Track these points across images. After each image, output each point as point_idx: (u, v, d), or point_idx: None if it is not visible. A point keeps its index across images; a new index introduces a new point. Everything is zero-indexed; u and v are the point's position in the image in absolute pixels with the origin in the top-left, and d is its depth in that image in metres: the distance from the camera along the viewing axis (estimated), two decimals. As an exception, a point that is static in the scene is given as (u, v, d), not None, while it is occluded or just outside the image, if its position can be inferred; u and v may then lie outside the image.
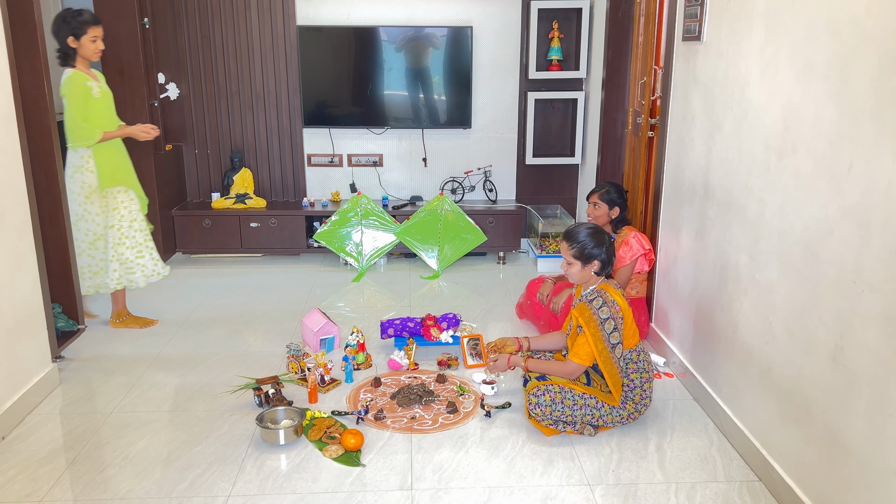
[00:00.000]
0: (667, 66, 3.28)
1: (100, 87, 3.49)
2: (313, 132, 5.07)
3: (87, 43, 3.36)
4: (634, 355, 2.67)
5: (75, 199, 3.51)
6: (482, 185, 5.16)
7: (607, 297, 2.62)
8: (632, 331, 2.66)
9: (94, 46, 3.38)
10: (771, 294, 2.35)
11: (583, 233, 2.69)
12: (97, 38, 3.37)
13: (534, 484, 2.41)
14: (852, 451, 1.93)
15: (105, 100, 3.52)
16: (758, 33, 2.43)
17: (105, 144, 3.49)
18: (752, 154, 2.48)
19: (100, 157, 3.49)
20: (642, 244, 3.36)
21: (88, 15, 3.36)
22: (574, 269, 2.70)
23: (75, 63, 3.40)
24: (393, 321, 3.52)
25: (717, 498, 2.33)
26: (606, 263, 2.69)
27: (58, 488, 2.38)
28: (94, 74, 3.51)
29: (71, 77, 3.38)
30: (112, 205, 3.58)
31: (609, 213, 3.45)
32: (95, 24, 3.36)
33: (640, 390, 2.68)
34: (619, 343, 2.60)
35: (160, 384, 3.14)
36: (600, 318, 2.59)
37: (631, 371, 2.67)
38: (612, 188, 3.45)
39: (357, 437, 2.58)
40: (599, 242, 2.67)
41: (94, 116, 3.44)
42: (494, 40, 4.91)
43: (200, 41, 4.84)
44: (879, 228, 1.81)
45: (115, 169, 3.55)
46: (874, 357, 1.83)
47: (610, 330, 2.59)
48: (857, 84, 1.89)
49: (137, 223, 3.67)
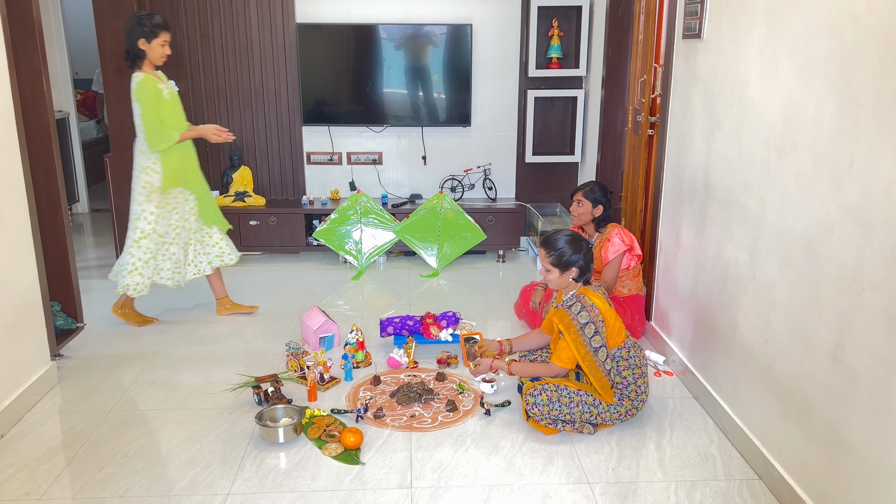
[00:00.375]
0: (667, 64, 3.28)
1: (168, 88, 3.51)
2: (313, 130, 5.06)
3: (157, 46, 3.40)
4: (624, 352, 2.67)
5: (136, 198, 3.54)
6: (482, 183, 5.16)
7: (586, 302, 2.63)
8: (616, 330, 2.66)
9: (161, 50, 3.42)
10: (771, 292, 2.35)
11: (560, 240, 2.69)
12: (166, 43, 3.41)
13: (533, 482, 2.41)
14: (853, 449, 1.93)
15: (174, 101, 3.53)
16: (758, 31, 2.42)
17: (174, 146, 3.51)
18: (752, 152, 2.48)
19: (167, 159, 3.51)
20: (623, 240, 3.36)
21: (161, 19, 3.39)
22: (552, 276, 2.71)
23: (143, 66, 3.43)
24: (392, 319, 3.52)
25: (716, 496, 2.33)
26: (584, 269, 2.69)
27: (57, 486, 2.38)
28: (161, 76, 3.54)
29: (143, 81, 3.39)
30: (172, 205, 3.60)
31: (592, 211, 3.46)
32: (166, 30, 3.41)
33: (634, 387, 2.68)
34: (602, 346, 2.60)
35: (159, 382, 3.14)
36: (580, 324, 2.60)
37: (623, 368, 2.67)
38: (596, 187, 3.47)
39: (356, 436, 2.58)
40: (577, 249, 2.67)
41: (165, 118, 3.46)
42: (494, 38, 4.90)
43: (200, 39, 4.83)
44: (880, 227, 1.80)
45: (178, 170, 3.57)
46: (875, 356, 1.83)
47: (591, 334, 2.59)
48: (858, 82, 1.89)
49: (189, 223, 3.69)
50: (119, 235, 4.54)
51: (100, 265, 4.90)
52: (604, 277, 3.41)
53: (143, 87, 3.39)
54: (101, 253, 5.19)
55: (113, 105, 4.35)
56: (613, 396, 2.66)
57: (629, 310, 3.45)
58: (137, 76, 3.40)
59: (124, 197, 4.44)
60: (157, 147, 3.43)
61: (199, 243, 3.75)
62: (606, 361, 2.62)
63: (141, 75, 3.40)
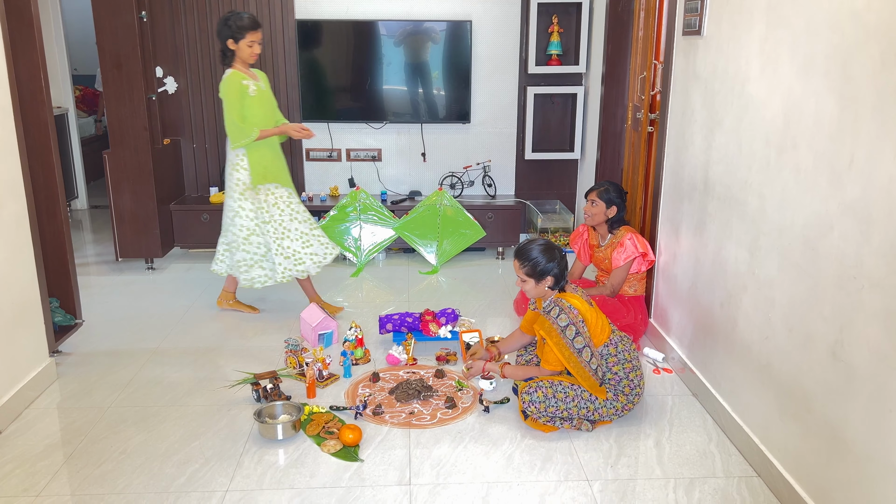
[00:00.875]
0: (667, 61, 3.27)
1: (257, 85, 3.51)
2: (312, 126, 5.03)
3: (244, 47, 3.41)
4: (612, 348, 2.67)
5: (231, 195, 3.57)
6: (481, 180, 5.15)
7: (563, 305, 2.63)
8: (598, 328, 2.66)
9: (250, 50, 3.43)
10: (770, 290, 2.34)
11: (534, 250, 2.68)
12: (254, 43, 3.42)
13: (532, 479, 2.41)
14: (852, 446, 1.93)
15: (262, 98, 3.53)
16: (758, 28, 2.42)
17: (258, 143, 3.51)
18: (752, 149, 2.47)
19: (252, 155, 3.52)
20: (636, 246, 3.33)
21: (248, 21, 3.39)
22: (528, 286, 2.71)
23: (234, 63, 3.45)
24: (391, 316, 3.51)
25: (715, 493, 2.33)
26: (559, 277, 2.69)
27: (55, 483, 2.38)
28: (254, 74, 3.55)
29: (227, 77, 3.42)
30: (271, 201, 3.59)
31: (606, 212, 3.41)
32: (254, 30, 3.41)
33: (626, 381, 2.68)
34: (585, 346, 2.60)
35: (158, 379, 3.13)
36: (560, 327, 2.60)
37: (612, 364, 2.67)
38: (611, 187, 3.41)
39: (355, 432, 2.58)
40: (551, 258, 2.67)
41: (250, 115, 3.47)
42: (494, 35, 4.89)
43: (198, 34, 4.82)
44: (880, 224, 1.80)
45: (267, 167, 3.57)
46: (874, 353, 1.83)
47: (572, 336, 2.59)
48: (858, 79, 1.88)
49: (300, 215, 3.68)
50: (118, 232, 4.53)
51: (98, 262, 4.89)
52: (610, 281, 3.40)
53: (228, 83, 3.41)
54: (100, 249, 5.19)
55: (112, 102, 4.34)
56: (606, 392, 2.66)
57: (633, 309, 3.44)
58: (226, 73, 3.44)
59: (123, 193, 4.46)
60: (237, 143, 3.45)
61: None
62: (592, 360, 2.61)
63: (229, 71, 3.44)
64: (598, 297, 3.37)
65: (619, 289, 3.41)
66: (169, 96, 4.89)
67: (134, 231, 4.55)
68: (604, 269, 3.53)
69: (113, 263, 4.81)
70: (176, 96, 4.91)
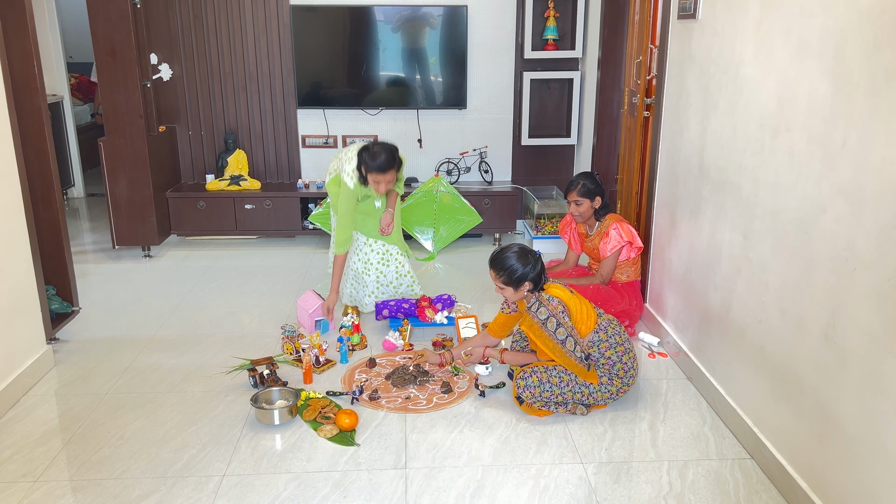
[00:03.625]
0: (662, 45, 3.26)
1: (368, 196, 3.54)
2: (308, 113, 5.03)
3: (371, 180, 3.38)
4: (602, 334, 2.67)
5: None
6: (478, 166, 5.15)
7: (543, 298, 2.65)
8: (584, 314, 2.67)
9: (374, 185, 3.41)
10: (764, 273, 2.35)
11: (509, 258, 2.67)
12: (379, 183, 3.38)
13: (527, 462, 2.42)
14: (843, 428, 1.94)
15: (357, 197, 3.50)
16: (753, 10, 2.41)
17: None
18: (746, 133, 2.47)
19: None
20: (622, 235, 3.32)
21: (379, 163, 3.31)
22: (508, 293, 2.71)
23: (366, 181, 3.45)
24: (388, 302, 3.52)
25: (708, 475, 2.35)
26: (537, 280, 2.68)
27: (53, 469, 2.39)
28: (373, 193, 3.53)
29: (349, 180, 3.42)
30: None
31: (592, 205, 3.42)
32: (379, 172, 3.34)
33: (620, 364, 2.69)
34: (568, 336, 2.61)
35: (155, 365, 3.14)
36: (540, 320, 2.62)
37: (605, 349, 2.67)
38: (585, 180, 3.39)
39: (351, 417, 2.59)
40: (525, 262, 2.65)
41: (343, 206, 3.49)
42: (490, 20, 4.87)
43: (193, 21, 4.79)
44: (872, 206, 1.80)
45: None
46: (866, 335, 1.84)
47: (553, 328, 2.60)
48: (852, 61, 1.88)
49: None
50: (115, 220, 4.53)
51: (95, 249, 4.89)
52: (600, 271, 3.40)
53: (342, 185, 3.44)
54: (97, 237, 5.18)
55: (106, 89, 4.32)
56: (597, 377, 2.67)
57: (627, 295, 3.45)
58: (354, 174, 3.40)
59: (119, 181, 4.45)
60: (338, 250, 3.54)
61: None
62: (577, 349, 2.62)
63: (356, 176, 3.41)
64: (593, 286, 3.38)
65: (610, 278, 3.41)
66: (164, 83, 4.87)
67: (130, 219, 4.55)
68: (595, 259, 3.53)
69: (110, 251, 4.81)
70: (171, 83, 4.89)
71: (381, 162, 3.31)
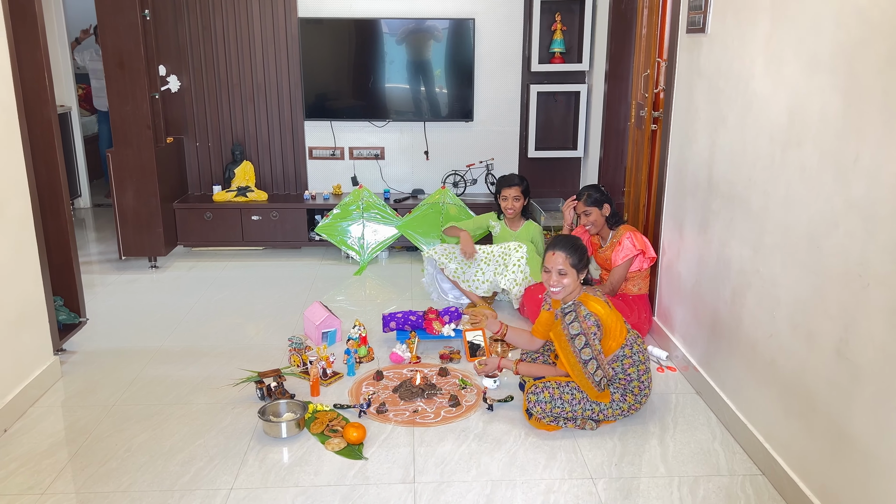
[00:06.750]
0: (670, 59, 3.26)
1: (501, 226, 4.08)
2: (315, 125, 5.05)
3: (501, 200, 3.92)
4: (627, 350, 2.66)
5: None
6: (484, 178, 5.15)
7: (581, 311, 2.60)
8: (618, 331, 2.65)
9: (504, 203, 3.83)
10: (775, 288, 2.34)
11: (578, 240, 2.71)
12: (507, 198, 3.79)
13: (536, 477, 2.41)
14: (856, 444, 1.93)
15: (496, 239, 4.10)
16: (763, 25, 2.41)
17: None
18: (756, 147, 2.46)
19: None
20: (635, 244, 3.34)
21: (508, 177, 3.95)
22: (569, 280, 2.65)
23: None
24: (395, 314, 3.51)
25: (719, 492, 2.33)
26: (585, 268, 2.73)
27: (60, 481, 2.38)
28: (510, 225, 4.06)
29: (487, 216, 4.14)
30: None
31: (601, 213, 3.45)
32: (508, 186, 3.84)
33: (637, 382, 2.68)
34: (592, 359, 2.56)
35: (162, 377, 3.14)
36: (570, 335, 2.59)
37: (628, 366, 2.66)
38: (591, 191, 3.48)
39: (359, 431, 2.58)
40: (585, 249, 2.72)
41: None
42: (497, 33, 4.89)
43: (201, 33, 4.82)
44: (885, 222, 1.79)
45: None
46: (879, 351, 1.83)
47: (580, 346, 2.57)
48: (864, 76, 1.88)
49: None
50: (121, 230, 4.54)
51: (102, 260, 4.90)
52: (609, 279, 3.40)
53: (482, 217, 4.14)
54: (104, 248, 5.19)
55: (115, 100, 4.34)
56: (609, 396, 2.65)
57: (636, 308, 3.44)
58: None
59: (126, 192, 4.46)
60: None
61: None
62: (597, 373, 2.58)
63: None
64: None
65: (619, 287, 3.41)
66: (172, 95, 4.89)
67: (137, 229, 4.55)
68: (607, 269, 3.53)
69: (116, 262, 4.82)
70: (179, 95, 4.91)
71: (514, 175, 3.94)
